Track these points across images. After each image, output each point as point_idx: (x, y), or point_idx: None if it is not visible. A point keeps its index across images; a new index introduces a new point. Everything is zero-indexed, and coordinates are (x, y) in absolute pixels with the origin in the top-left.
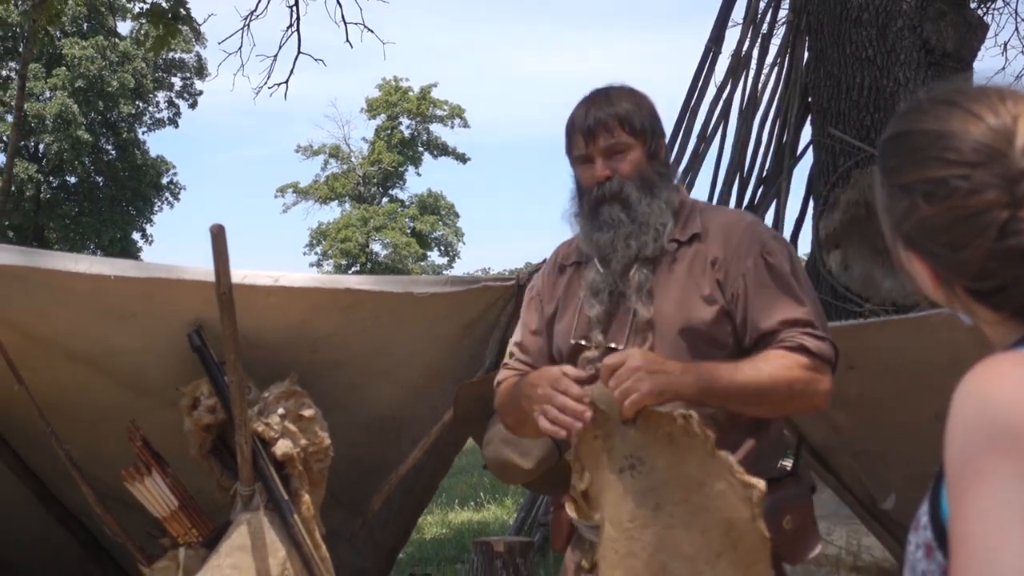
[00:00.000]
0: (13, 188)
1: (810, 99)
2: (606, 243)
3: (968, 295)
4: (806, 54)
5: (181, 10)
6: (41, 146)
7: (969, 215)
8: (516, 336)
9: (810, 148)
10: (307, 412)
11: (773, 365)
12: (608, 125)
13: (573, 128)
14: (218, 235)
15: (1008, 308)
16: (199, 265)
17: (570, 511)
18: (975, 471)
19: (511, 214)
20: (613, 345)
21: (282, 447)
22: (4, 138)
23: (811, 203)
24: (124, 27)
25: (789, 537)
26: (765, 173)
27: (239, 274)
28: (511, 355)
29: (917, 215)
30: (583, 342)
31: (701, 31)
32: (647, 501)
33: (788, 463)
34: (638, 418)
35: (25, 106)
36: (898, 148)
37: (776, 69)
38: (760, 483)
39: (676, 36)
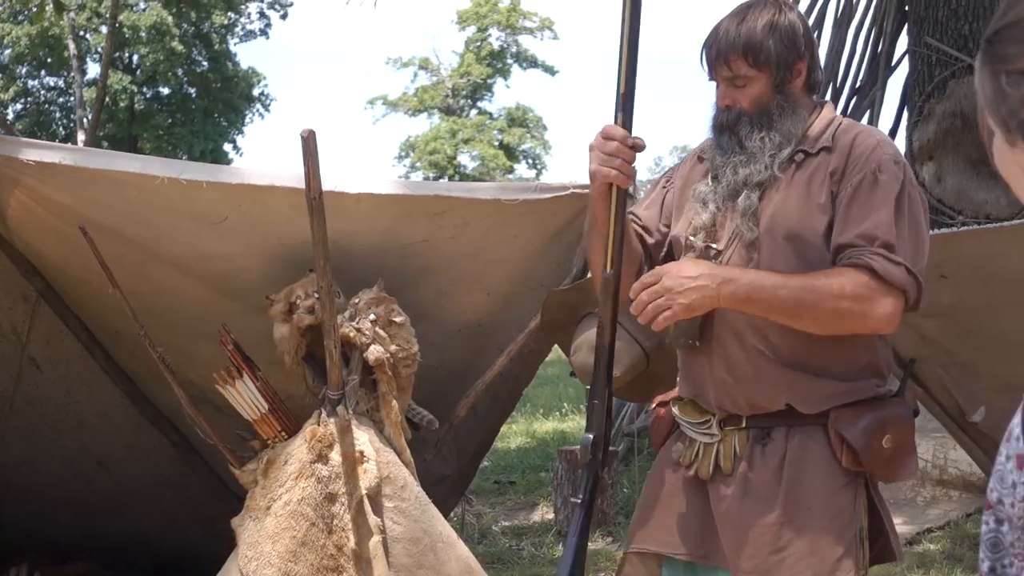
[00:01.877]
0: (107, 99)
1: (907, 7)
2: (719, 164)
3: None
4: None
5: None
6: (135, 57)
7: None
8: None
9: (905, 58)
10: (397, 318)
11: (826, 281)
12: (727, 56)
13: (702, 52)
14: (308, 139)
15: None
16: (288, 172)
17: (675, 410)
18: None
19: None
20: (714, 246)
21: (374, 352)
22: (99, 49)
23: (905, 114)
24: None
25: (887, 456)
26: (859, 83)
27: (330, 181)
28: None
29: None
30: (689, 239)
31: None
32: None
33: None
34: None
35: (120, 17)
36: (1018, 33)
37: None
38: None
39: None
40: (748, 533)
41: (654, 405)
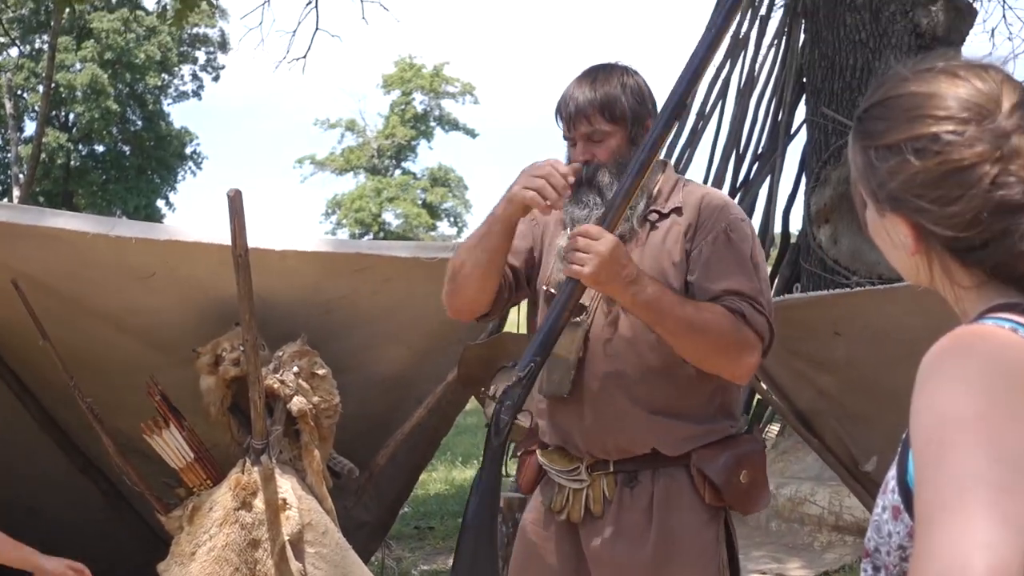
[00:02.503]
0: (44, 156)
1: (805, 80)
2: (580, 219)
3: (949, 254)
4: (802, 36)
5: None
6: (71, 115)
7: (961, 168)
8: None
9: (803, 127)
10: (320, 371)
11: (713, 313)
12: (587, 113)
13: (558, 111)
14: (235, 199)
15: (988, 264)
16: (215, 230)
17: (540, 457)
18: (939, 443)
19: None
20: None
21: (297, 403)
22: (35, 108)
23: (803, 179)
24: (149, 1)
25: (744, 490)
26: (760, 150)
27: (256, 238)
28: None
29: (906, 172)
30: (553, 291)
31: (702, 14)
32: None
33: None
34: None
35: (56, 77)
36: (885, 111)
37: (773, 50)
38: None
39: (680, 17)
40: (622, 573)
41: (519, 453)
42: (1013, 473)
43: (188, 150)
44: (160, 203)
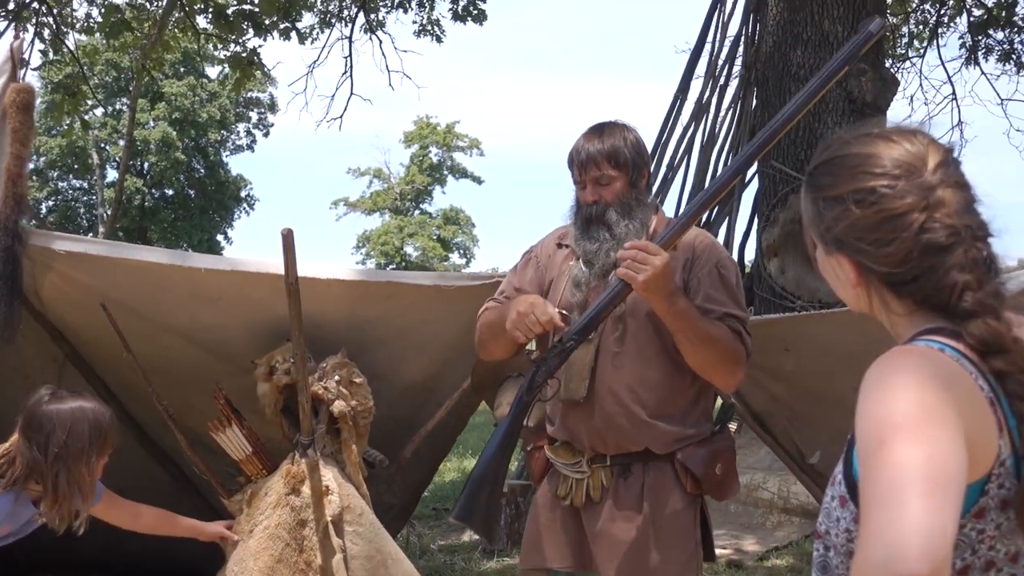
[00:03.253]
0: (124, 198)
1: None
2: (591, 251)
3: (886, 286)
4: (754, 102)
5: (255, 58)
6: (146, 164)
7: (894, 216)
8: (504, 284)
9: (756, 177)
10: (357, 379)
11: (721, 330)
12: (596, 160)
13: (571, 159)
14: (287, 236)
15: (917, 296)
16: (270, 261)
17: (548, 452)
18: (879, 444)
19: (516, 224)
20: (590, 337)
21: (338, 406)
22: (117, 158)
23: (756, 220)
24: (212, 71)
25: (719, 481)
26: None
27: (304, 269)
28: (500, 292)
29: (849, 219)
30: (564, 312)
31: (671, 82)
32: None
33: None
34: None
35: (134, 132)
36: (831, 168)
37: (730, 113)
38: None
39: (652, 85)
40: (617, 547)
41: (529, 449)
42: (942, 469)
43: (243, 194)
44: (219, 237)
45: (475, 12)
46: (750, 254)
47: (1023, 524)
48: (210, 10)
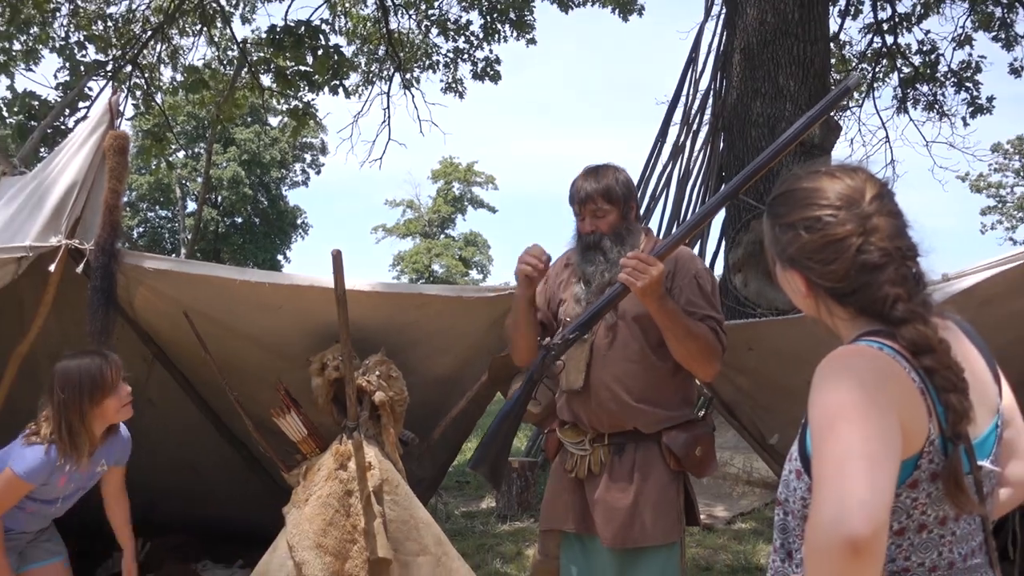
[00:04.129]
0: (201, 225)
1: (723, 174)
2: (589, 272)
3: (831, 297)
4: (721, 144)
5: (309, 110)
6: (219, 198)
7: (836, 240)
8: None
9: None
10: (394, 374)
11: (700, 328)
12: (593, 197)
13: (572, 197)
14: (337, 256)
15: (857, 305)
16: (322, 276)
17: (559, 433)
18: (828, 426)
19: (525, 245)
20: (586, 338)
21: (378, 396)
22: (195, 193)
23: (723, 242)
24: (274, 120)
25: (698, 461)
26: None
27: (350, 283)
28: None
29: (799, 242)
30: (569, 319)
31: (652, 128)
32: None
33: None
34: None
35: (210, 172)
36: (785, 199)
37: (702, 154)
38: None
39: (636, 131)
40: (613, 513)
41: (546, 431)
42: (881, 448)
43: (298, 221)
44: (279, 257)
45: (491, 73)
46: (719, 270)
47: (949, 493)
48: (272, 71)
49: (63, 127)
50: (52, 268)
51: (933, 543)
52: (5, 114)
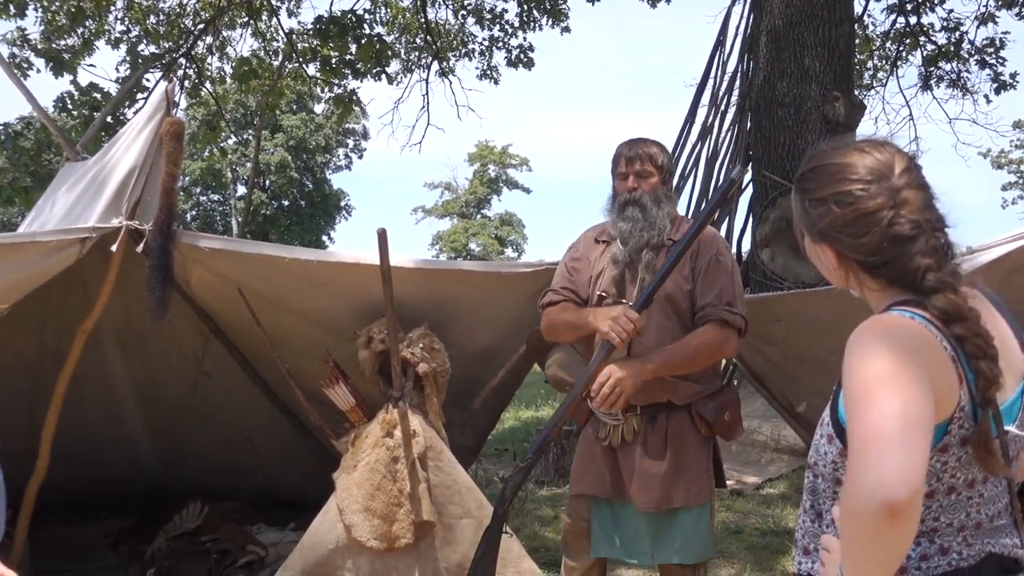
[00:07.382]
0: (251, 208)
1: (751, 152)
2: (627, 230)
3: (862, 269)
4: (749, 123)
5: (353, 97)
6: (267, 182)
7: (868, 213)
8: (558, 278)
9: (751, 184)
10: (436, 346)
11: (697, 338)
12: (642, 157)
13: (620, 154)
14: (382, 235)
15: (888, 276)
16: (366, 254)
17: (590, 403)
18: (865, 394)
19: (557, 225)
20: (624, 301)
21: (422, 368)
22: (245, 177)
23: (751, 219)
24: (319, 107)
25: (727, 425)
26: None
27: (394, 260)
28: (558, 284)
29: (830, 216)
30: (603, 293)
31: (681, 109)
32: None
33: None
34: None
35: (259, 157)
36: (815, 175)
37: (730, 133)
38: None
39: (667, 113)
40: (648, 480)
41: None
42: (916, 415)
43: (342, 203)
44: (324, 238)
45: (525, 60)
46: (747, 245)
47: (979, 457)
48: (317, 60)
49: (122, 117)
50: (114, 248)
51: (961, 505)
52: (71, 107)
